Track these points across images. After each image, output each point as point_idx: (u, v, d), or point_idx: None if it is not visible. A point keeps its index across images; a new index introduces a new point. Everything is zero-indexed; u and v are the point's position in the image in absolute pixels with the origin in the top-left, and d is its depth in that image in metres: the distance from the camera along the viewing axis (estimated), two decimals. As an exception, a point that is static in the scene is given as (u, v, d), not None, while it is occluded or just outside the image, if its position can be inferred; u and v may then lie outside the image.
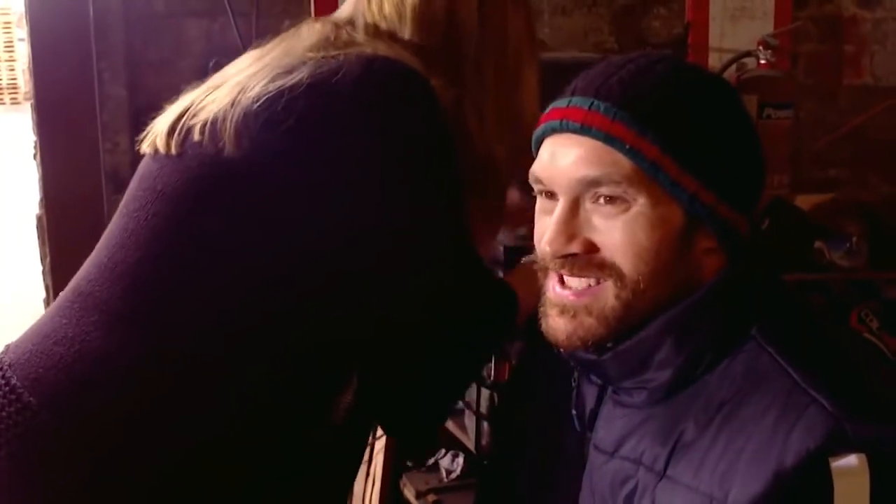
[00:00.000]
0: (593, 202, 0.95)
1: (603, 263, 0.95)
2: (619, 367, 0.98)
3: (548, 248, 0.97)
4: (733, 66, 2.53)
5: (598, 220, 0.95)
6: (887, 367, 1.19)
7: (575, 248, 0.96)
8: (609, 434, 1.00)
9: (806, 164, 2.66)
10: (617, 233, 0.94)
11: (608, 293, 0.95)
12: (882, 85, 2.77)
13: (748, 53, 2.53)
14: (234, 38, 2.21)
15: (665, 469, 0.92)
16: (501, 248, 1.53)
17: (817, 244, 2.20)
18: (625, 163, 0.93)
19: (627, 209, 0.93)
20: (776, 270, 1.03)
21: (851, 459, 0.82)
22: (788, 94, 2.48)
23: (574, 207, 0.96)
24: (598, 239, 0.95)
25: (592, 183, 0.94)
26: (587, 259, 0.95)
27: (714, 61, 2.57)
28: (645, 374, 0.96)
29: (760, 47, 2.49)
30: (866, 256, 2.22)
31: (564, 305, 0.98)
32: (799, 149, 2.55)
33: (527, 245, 1.40)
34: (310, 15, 2.31)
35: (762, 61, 2.49)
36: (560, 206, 0.97)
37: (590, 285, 0.96)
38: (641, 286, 0.94)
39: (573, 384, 1.10)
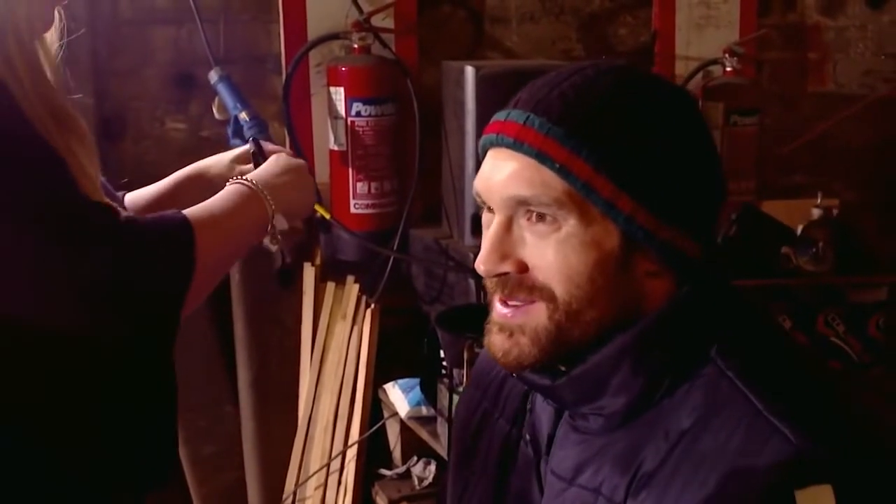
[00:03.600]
0: (526, 220, 0.92)
1: (534, 285, 0.92)
2: (574, 392, 0.94)
3: (482, 268, 0.94)
4: (700, 74, 2.56)
5: (530, 239, 0.92)
6: (844, 386, 1.18)
7: (507, 267, 0.93)
8: (565, 460, 0.98)
9: (771, 171, 2.69)
10: (548, 253, 0.90)
11: (541, 313, 0.92)
12: (845, 92, 2.81)
13: (714, 61, 2.56)
14: (201, 46, 2.20)
15: (625, 500, 0.90)
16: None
17: (784, 249, 2.23)
18: (556, 182, 0.89)
19: (559, 229, 0.90)
20: (733, 284, 0.98)
21: (816, 490, 0.81)
22: (754, 101, 2.52)
23: (508, 225, 0.93)
24: (530, 259, 0.92)
25: (522, 202, 0.91)
26: (519, 279, 0.93)
27: (680, 69, 2.60)
28: (601, 399, 0.93)
29: (726, 55, 2.52)
30: (832, 261, 2.25)
31: (502, 324, 0.95)
32: (764, 155, 2.58)
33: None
34: (278, 23, 2.30)
35: (728, 69, 2.52)
36: (494, 225, 0.94)
37: (523, 304, 0.93)
38: (574, 307, 0.91)
39: (528, 407, 1.07)
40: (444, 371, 1.96)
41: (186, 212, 1.10)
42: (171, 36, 2.27)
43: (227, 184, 1.21)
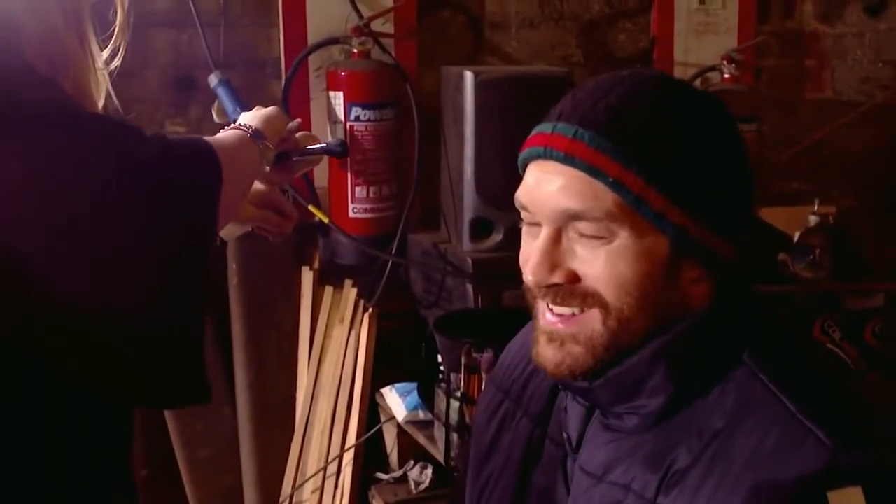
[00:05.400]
0: (576, 233, 0.93)
1: (586, 293, 0.93)
2: (610, 393, 0.95)
3: (531, 278, 0.94)
4: (698, 80, 2.57)
5: (581, 251, 0.93)
6: (867, 387, 1.19)
7: (558, 278, 0.93)
8: (595, 457, 0.99)
9: (769, 177, 2.70)
10: (600, 264, 0.92)
11: (595, 320, 0.93)
12: (843, 99, 2.82)
13: (712, 68, 2.57)
14: (201, 50, 2.20)
15: (656, 496, 0.91)
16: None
17: (781, 256, 2.23)
18: (607, 196, 0.90)
19: (610, 241, 0.91)
20: (757, 290, 1.01)
21: (848, 492, 0.82)
22: (752, 107, 2.52)
23: (557, 236, 0.94)
24: (581, 269, 0.93)
25: (574, 216, 0.92)
26: (570, 289, 0.93)
27: (679, 75, 2.60)
28: (637, 399, 0.94)
29: (724, 62, 2.53)
30: (829, 268, 2.25)
31: (552, 333, 0.96)
32: (762, 162, 2.58)
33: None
34: (278, 28, 2.31)
35: (726, 75, 2.53)
36: (543, 235, 0.94)
37: (575, 313, 0.94)
38: (626, 314, 0.92)
39: (562, 406, 1.07)
40: (441, 376, 1.96)
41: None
42: (171, 39, 2.27)
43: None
